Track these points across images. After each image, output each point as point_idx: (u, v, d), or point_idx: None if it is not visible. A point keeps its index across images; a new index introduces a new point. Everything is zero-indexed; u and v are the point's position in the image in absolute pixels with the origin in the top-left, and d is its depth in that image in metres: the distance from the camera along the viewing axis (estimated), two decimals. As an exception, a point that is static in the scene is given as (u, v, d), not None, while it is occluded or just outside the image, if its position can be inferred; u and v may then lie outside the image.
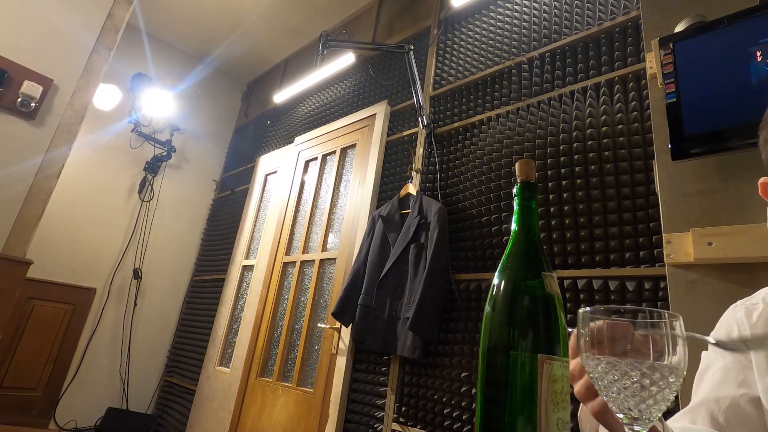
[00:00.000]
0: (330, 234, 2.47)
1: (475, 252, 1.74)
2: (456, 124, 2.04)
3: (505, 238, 1.65)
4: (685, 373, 0.28)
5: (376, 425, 1.78)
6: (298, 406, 2.11)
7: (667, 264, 1.06)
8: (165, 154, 3.62)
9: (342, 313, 1.95)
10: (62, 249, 3.12)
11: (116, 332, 3.27)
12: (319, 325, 2.22)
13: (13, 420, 2.81)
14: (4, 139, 1.95)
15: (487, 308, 0.45)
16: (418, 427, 1.64)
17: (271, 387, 2.30)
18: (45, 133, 2.05)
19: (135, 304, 3.36)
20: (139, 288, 3.40)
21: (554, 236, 1.51)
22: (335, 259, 2.33)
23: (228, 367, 2.67)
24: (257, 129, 3.76)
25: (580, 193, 1.49)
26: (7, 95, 1.99)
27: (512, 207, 0.51)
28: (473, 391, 1.52)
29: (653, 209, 1.32)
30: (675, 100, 1.03)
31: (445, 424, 1.57)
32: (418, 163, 2.14)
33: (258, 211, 3.17)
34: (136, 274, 3.38)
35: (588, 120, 1.55)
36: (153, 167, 3.56)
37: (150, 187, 3.55)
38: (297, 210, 2.78)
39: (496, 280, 0.46)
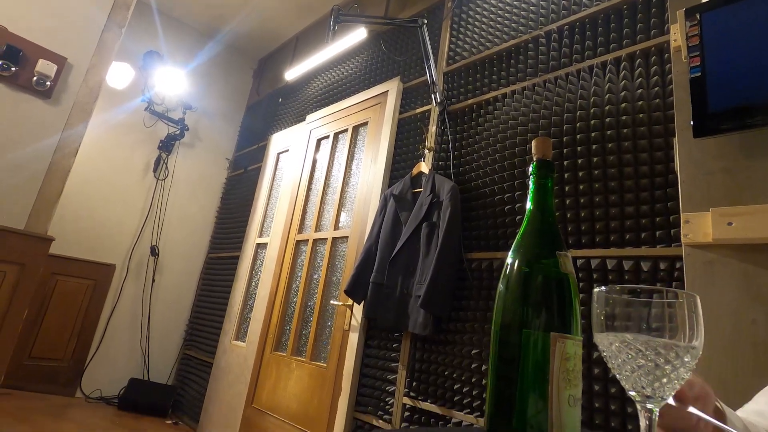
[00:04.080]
0: (342, 212, 2.48)
1: (487, 231, 1.73)
2: (470, 101, 2.00)
3: (518, 217, 1.64)
4: (701, 352, 0.28)
5: (387, 399, 1.83)
6: (312, 379, 2.17)
7: (684, 244, 1.04)
8: (178, 132, 3.64)
9: (354, 291, 1.98)
10: (81, 226, 3.20)
11: (135, 307, 3.37)
12: (331, 302, 2.26)
13: (42, 389, 2.95)
14: (23, 119, 1.98)
15: (501, 287, 0.45)
16: (429, 401, 1.68)
17: (286, 361, 2.37)
18: (61, 112, 2.07)
19: (153, 281, 3.45)
20: (157, 265, 3.48)
21: (568, 215, 1.49)
22: (347, 237, 2.34)
23: (244, 342, 2.75)
24: (269, 107, 3.75)
25: (596, 172, 1.46)
26: (23, 74, 2.01)
27: (526, 185, 0.50)
28: (483, 367, 1.54)
29: (672, 188, 1.29)
30: (700, 74, 0.99)
31: (455, 399, 1.60)
32: (430, 141, 2.11)
33: (271, 189, 3.19)
34: (154, 251, 3.46)
35: (607, 96, 1.50)
36: (167, 146, 3.59)
37: (164, 165, 3.59)
38: (309, 188, 2.79)
39: (510, 259, 0.45)
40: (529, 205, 0.47)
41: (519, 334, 0.40)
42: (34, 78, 2.02)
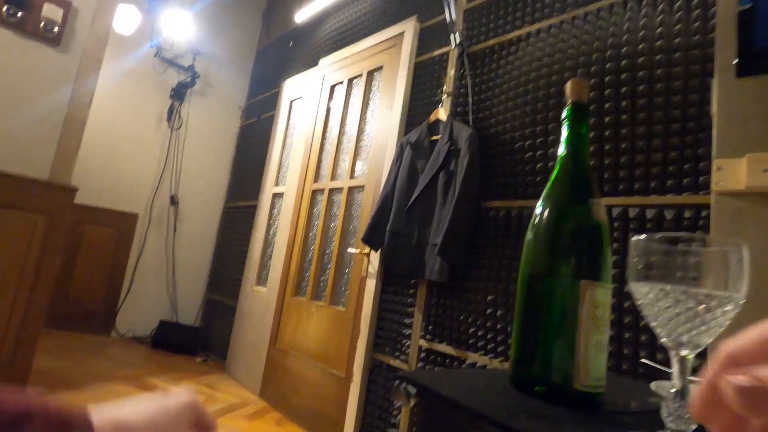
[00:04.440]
0: (357, 161, 2.45)
1: (505, 179, 1.71)
2: (491, 42, 1.89)
3: (539, 164, 1.60)
4: (743, 301, 0.27)
5: (404, 341, 1.91)
6: (331, 322, 2.27)
7: (713, 191, 1.00)
8: (189, 80, 3.57)
9: (371, 239, 2.01)
10: (102, 176, 3.25)
11: (159, 255, 3.50)
12: (348, 250, 2.30)
13: (79, 329, 3.16)
14: (34, 68, 1.96)
15: (530, 235, 0.44)
16: (444, 343, 1.74)
17: (306, 305, 2.47)
18: (71, 60, 2.04)
19: (174, 229, 3.55)
20: (177, 214, 3.56)
21: (591, 162, 1.45)
22: (363, 186, 2.34)
23: (265, 287, 2.86)
24: (280, 51, 3.62)
25: (624, 116, 1.39)
26: (30, 20, 1.95)
27: (548, 132, 0.48)
28: (498, 312, 1.58)
29: (703, 133, 1.23)
30: (750, 5, 0.90)
31: (470, 342, 1.66)
32: (449, 85, 2.03)
33: (285, 138, 3.16)
34: (173, 201, 3.53)
35: (641, 33, 1.40)
36: (179, 94, 3.54)
37: (178, 114, 3.56)
38: (324, 137, 2.75)
39: (540, 206, 0.44)
40: (562, 150, 0.45)
41: (548, 282, 0.40)
42: (42, 23, 1.96)
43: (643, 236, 0.30)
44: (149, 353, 3.06)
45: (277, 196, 3.06)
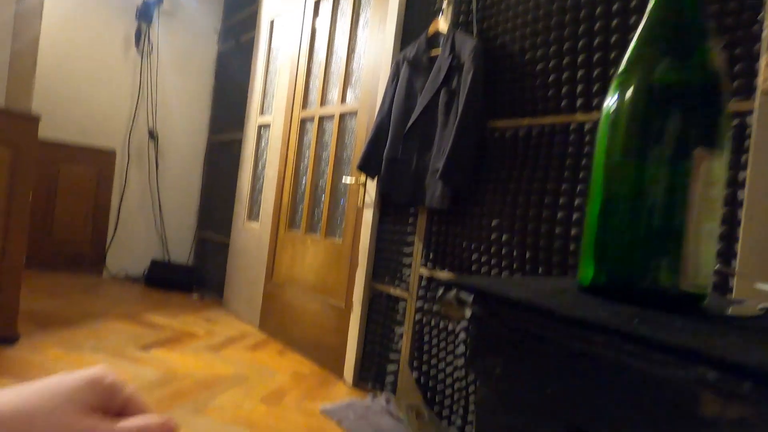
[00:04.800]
0: (349, 85, 2.26)
1: (513, 95, 1.57)
2: (499, -65, 1.65)
3: (551, 77, 1.45)
4: None
5: (404, 270, 1.87)
6: (328, 254, 2.21)
7: (760, 90, 0.90)
8: (155, -3, 3.20)
9: (367, 166, 1.89)
10: (70, 109, 3.01)
11: (144, 193, 3.36)
12: (343, 180, 2.19)
13: (71, 270, 3.09)
14: (-32, -27, 1.68)
15: (612, 104, 0.34)
16: (446, 270, 1.71)
17: (301, 238, 2.40)
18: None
19: (157, 166, 3.37)
20: (158, 149, 3.37)
21: (594, 73, 1.31)
22: (356, 112, 2.17)
23: (257, 222, 2.77)
24: (255, -37, 3.22)
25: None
26: None
27: (562, 38, 0.35)
28: (504, 237, 1.52)
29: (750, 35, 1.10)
30: None
31: (473, 268, 1.62)
32: (449, -9, 1.80)
33: (267, 63, 2.90)
34: (152, 135, 3.32)
35: None
36: (146, 15, 3.19)
37: (146, 38, 3.23)
38: (310, 59, 2.52)
39: (626, 64, 0.33)
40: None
41: (650, 154, 0.29)
42: None
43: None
44: (144, 292, 3.03)
45: (263, 127, 2.87)
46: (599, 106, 1.34)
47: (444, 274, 1.71)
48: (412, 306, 1.80)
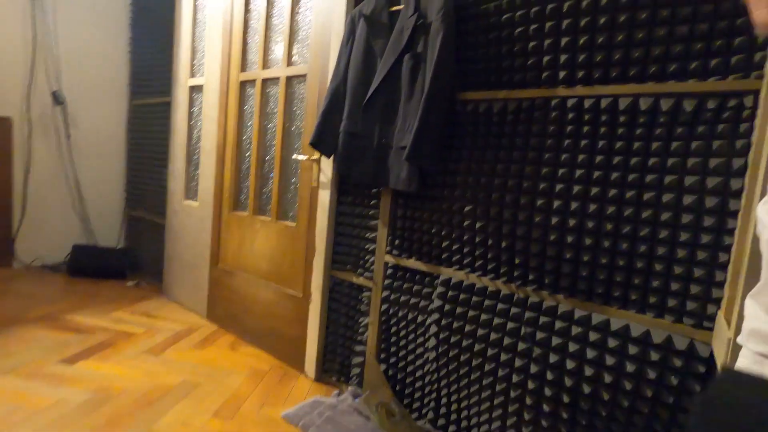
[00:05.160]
0: (295, 44, 1.96)
1: (488, 64, 1.38)
2: None
3: (532, 43, 1.28)
4: None
5: (367, 257, 1.71)
6: (282, 239, 2.00)
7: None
8: (42, -77, 2.57)
9: (321, 142, 1.66)
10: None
11: (55, 167, 2.88)
12: (293, 156, 1.94)
13: (-30, 261, 2.63)
14: None
15: None
16: (414, 258, 1.57)
17: (248, 220, 2.15)
18: None
19: (68, 135, 2.88)
20: (66, 116, 2.86)
21: (581, 42, 1.16)
22: (305, 75, 1.89)
23: (196, 201, 2.46)
24: None
25: (649, -25, 1.08)
26: None
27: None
28: (478, 225, 1.39)
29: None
30: None
31: (443, 256, 1.49)
32: (411, -67, 1.53)
33: (195, 12, 2.46)
34: (57, 99, 2.79)
35: None
36: (31, -54, 2.56)
37: (36, -23, 2.63)
38: (247, 11, 2.15)
39: None
40: None
41: None
42: None
43: None
44: (67, 283, 2.66)
45: (195, 90, 2.49)
46: (585, 80, 1.20)
47: (411, 262, 1.57)
48: (377, 295, 1.67)
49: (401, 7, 1.51)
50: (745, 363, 0.50)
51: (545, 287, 1.27)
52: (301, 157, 1.85)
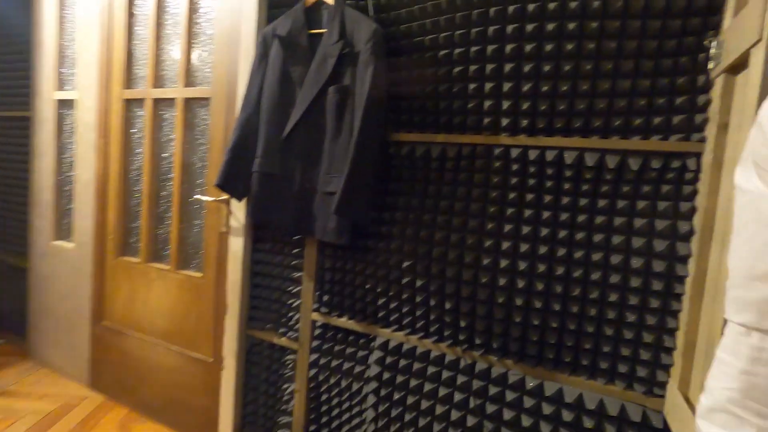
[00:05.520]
0: (195, 59, 1.64)
1: (423, 102, 1.24)
2: None
3: (473, 84, 1.16)
4: None
5: (290, 314, 1.48)
6: (184, 292, 1.67)
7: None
8: None
9: (230, 184, 1.39)
10: None
11: None
12: (196, 197, 1.63)
13: None
14: None
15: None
16: (346, 317, 1.38)
17: (140, 268, 1.78)
18: None
19: None
20: None
21: (524, 88, 1.08)
22: (209, 99, 1.59)
23: (70, 242, 2.00)
24: None
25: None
26: None
27: (486, 32, 0.06)
28: (418, 283, 1.24)
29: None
30: None
31: (380, 314, 1.32)
32: (333, -54, 1.33)
33: (61, 8, 1.99)
34: None
35: None
36: None
37: None
38: (131, 14, 1.77)
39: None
40: None
41: None
42: None
43: None
44: None
45: (65, 105, 2.02)
46: (529, 130, 1.11)
47: (343, 321, 1.37)
48: (304, 359, 1.44)
49: (323, 30, 1.30)
50: None
51: (493, 351, 1.17)
52: (205, 198, 1.55)
